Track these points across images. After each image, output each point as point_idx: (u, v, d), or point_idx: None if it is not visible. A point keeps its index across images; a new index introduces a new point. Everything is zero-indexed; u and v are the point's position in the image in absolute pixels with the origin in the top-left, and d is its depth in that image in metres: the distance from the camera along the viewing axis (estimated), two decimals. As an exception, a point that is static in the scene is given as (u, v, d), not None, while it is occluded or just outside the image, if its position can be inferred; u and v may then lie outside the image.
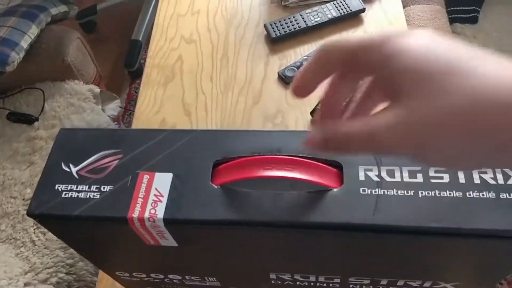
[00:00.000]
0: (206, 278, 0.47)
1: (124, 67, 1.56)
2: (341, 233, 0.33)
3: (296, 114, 0.76)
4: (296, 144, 0.36)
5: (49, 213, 0.35)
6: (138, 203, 0.35)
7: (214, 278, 0.47)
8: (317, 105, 0.75)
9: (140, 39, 1.53)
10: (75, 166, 0.38)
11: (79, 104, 1.00)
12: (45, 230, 0.85)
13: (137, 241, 0.38)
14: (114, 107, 1.09)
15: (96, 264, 0.49)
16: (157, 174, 0.36)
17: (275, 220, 0.33)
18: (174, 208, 0.34)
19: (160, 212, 0.34)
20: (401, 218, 0.32)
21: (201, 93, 0.81)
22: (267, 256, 0.40)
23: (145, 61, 0.87)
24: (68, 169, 0.37)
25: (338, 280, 0.44)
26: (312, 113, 0.75)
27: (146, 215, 0.34)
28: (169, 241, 0.37)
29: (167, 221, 0.34)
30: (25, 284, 0.79)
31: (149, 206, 0.35)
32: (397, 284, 0.43)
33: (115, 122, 1.08)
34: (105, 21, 1.76)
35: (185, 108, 0.79)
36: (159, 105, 0.80)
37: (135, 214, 0.34)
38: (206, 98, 0.80)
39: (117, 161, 0.37)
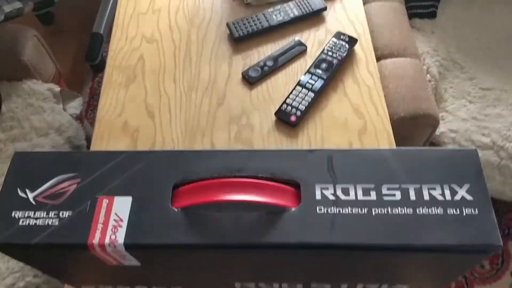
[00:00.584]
0: (172, 287, 0.48)
1: (86, 61, 1.51)
2: (299, 251, 0.34)
3: (261, 115, 0.77)
4: (255, 163, 0.37)
5: (6, 242, 0.35)
6: (98, 229, 0.35)
7: (180, 287, 0.48)
8: (281, 105, 0.76)
9: (101, 32, 1.49)
10: (32, 191, 0.37)
11: (38, 104, 0.97)
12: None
13: (100, 262, 0.38)
14: (76, 105, 1.07)
15: (60, 280, 0.49)
16: (116, 198, 0.36)
17: (235, 242, 0.34)
18: (135, 232, 0.35)
19: (120, 238, 0.34)
20: (356, 236, 0.33)
21: (164, 94, 0.80)
22: (231, 270, 0.41)
23: (107, 54, 0.85)
24: (24, 195, 0.37)
25: (300, 286, 0.45)
26: (276, 113, 0.75)
27: (107, 241, 0.34)
28: (132, 262, 0.38)
29: (127, 246, 0.34)
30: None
31: (109, 232, 0.35)
32: (356, 286, 0.45)
33: (78, 121, 1.06)
34: (64, 12, 1.70)
35: (148, 110, 0.79)
36: (121, 107, 0.79)
37: (95, 241, 0.34)
38: (169, 100, 0.80)
39: (75, 185, 0.37)
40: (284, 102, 0.76)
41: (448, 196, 0.35)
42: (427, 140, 0.86)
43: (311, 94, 0.76)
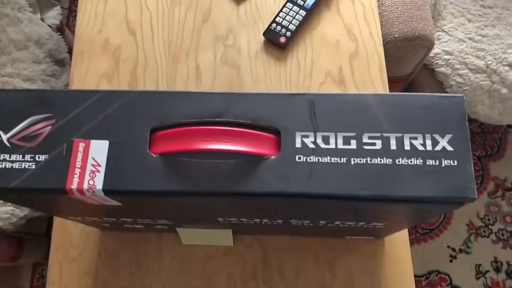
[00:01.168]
0: (157, 220, 0.49)
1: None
2: (277, 199, 0.35)
3: (249, 35, 0.73)
4: (236, 108, 0.36)
5: (-17, 186, 0.35)
6: (76, 174, 0.35)
7: (165, 220, 0.50)
8: (269, 25, 0.72)
9: None
10: (5, 133, 0.36)
11: (14, 15, 0.91)
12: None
13: (81, 202, 0.38)
14: (55, 15, 1.00)
15: (46, 213, 0.50)
16: (92, 142, 0.35)
17: (213, 190, 0.34)
18: (113, 178, 0.34)
19: (99, 183, 0.34)
20: (333, 186, 0.34)
21: (145, 9, 0.75)
22: (211, 210, 0.42)
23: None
24: (-2, 137, 0.36)
25: (280, 222, 0.47)
26: (265, 34, 0.72)
27: (85, 186, 0.34)
28: (113, 203, 0.38)
29: (106, 192, 0.34)
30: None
31: (87, 177, 0.35)
32: (335, 223, 0.46)
33: (58, 33, 1.00)
34: None
35: (129, 27, 0.74)
36: (101, 23, 0.74)
37: (74, 186, 0.34)
38: (151, 15, 0.75)
39: (50, 127, 0.36)
40: (274, 21, 0.72)
41: (429, 146, 0.34)
42: (419, 62, 0.84)
43: (303, 12, 0.72)
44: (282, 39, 0.70)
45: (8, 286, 1.14)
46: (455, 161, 0.34)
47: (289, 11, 0.72)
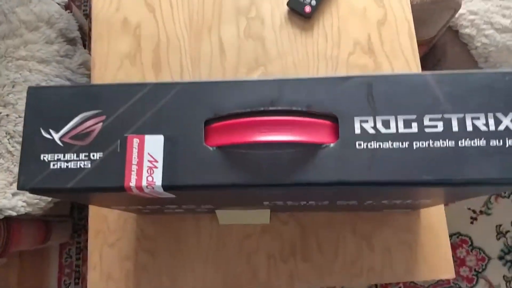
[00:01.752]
0: (201, 206, 0.49)
1: None
2: (336, 187, 0.34)
3: (272, 5, 0.70)
4: (289, 94, 0.35)
5: (41, 187, 0.34)
6: (133, 171, 0.34)
7: (209, 205, 0.49)
8: (293, -5, 0.69)
9: None
10: (56, 132, 0.35)
11: (22, -5, 0.88)
12: (20, 139, 0.84)
13: (134, 196, 0.38)
14: (62, -8, 0.97)
15: (90, 204, 0.50)
16: (147, 137, 0.35)
17: (272, 182, 0.34)
18: (172, 173, 0.34)
19: (157, 179, 0.34)
20: (396, 172, 0.33)
21: (163, -16, 0.72)
22: (263, 197, 0.42)
23: None
24: (49, 136, 0.35)
25: (326, 203, 0.47)
26: (288, 3, 0.69)
27: (144, 183, 0.34)
28: (167, 195, 0.38)
29: (166, 187, 0.34)
30: (13, 194, 0.80)
31: (145, 173, 0.34)
32: (382, 202, 0.46)
33: (68, 10, 0.97)
34: None
35: (147, 3, 0.72)
36: (118, 1, 0.72)
37: (132, 183, 0.34)
38: (169, -10, 0.72)
39: (101, 124, 0.35)
40: (297, -10, 0.69)
41: (492, 127, 0.33)
42: (444, 25, 0.81)
43: (327, -20, 0.69)
44: (307, 8, 0.68)
45: (38, 267, 1.17)
46: (520, 140, 0.33)
47: (313, -21, 0.69)
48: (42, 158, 0.35)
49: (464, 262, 1.19)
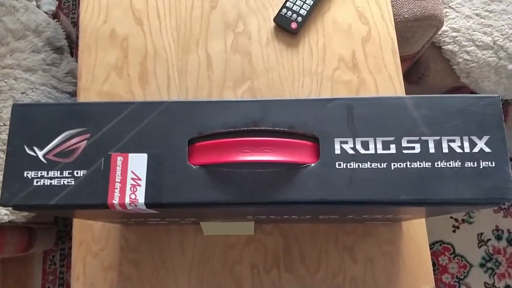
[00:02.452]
0: (185, 219, 0.50)
1: None
2: (316, 206, 0.35)
3: (259, 21, 0.71)
4: (272, 115, 0.36)
5: (24, 204, 0.35)
6: (117, 188, 0.35)
7: (193, 218, 0.50)
8: (280, 10, 0.70)
9: None
10: (41, 149, 0.36)
11: (9, 3, 0.88)
12: (4, 147, 0.83)
13: (118, 211, 0.38)
14: (50, 0, 0.97)
15: (75, 218, 0.50)
16: (130, 155, 0.35)
17: (254, 200, 0.34)
18: (155, 191, 0.34)
19: (140, 197, 0.34)
20: (374, 192, 0.34)
21: (151, -3, 0.73)
22: (245, 212, 0.42)
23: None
24: (33, 153, 0.35)
25: (309, 217, 0.48)
26: (275, 19, 0.70)
27: (127, 201, 0.34)
28: (151, 211, 0.38)
29: (149, 205, 0.35)
30: None
31: (128, 191, 0.35)
32: (363, 216, 0.47)
33: (55, 19, 0.97)
34: None
35: (135, 16, 0.72)
36: (106, 12, 0.72)
37: (116, 201, 0.34)
38: (157, 3, 0.73)
39: (85, 141, 0.36)
40: (284, 6, 0.70)
41: (467, 149, 0.35)
42: (428, 41, 0.83)
43: (313, -4, 0.70)
44: (294, 25, 0.69)
45: (21, 274, 1.15)
46: (493, 163, 0.34)
47: (299, -5, 0.70)
48: (25, 175, 0.35)
49: (446, 269, 1.21)
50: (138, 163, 0.35)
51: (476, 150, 0.35)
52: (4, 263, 1.15)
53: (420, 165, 0.35)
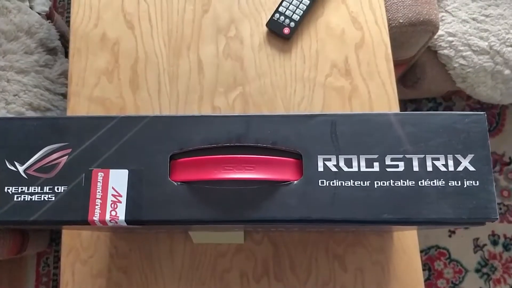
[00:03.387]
0: (172, 230, 0.50)
1: None
2: (300, 224, 0.35)
3: (251, 25, 0.71)
4: (255, 130, 0.35)
5: (4, 220, 0.34)
6: (97, 205, 0.34)
7: (179, 229, 0.50)
8: (272, 15, 0.70)
9: None
10: (21, 164, 0.35)
11: (1, 4, 0.87)
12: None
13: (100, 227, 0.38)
14: (44, 1, 0.96)
15: (59, 229, 0.50)
16: (111, 171, 0.35)
17: (237, 218, 0.34)
18: (135, 208, 0.34)
19: (121, 214, 0.34)
20: (357, 211, 0.34)
21: (142, 1, 0.72)
22: (230, 226, 0.42)
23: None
24: (14, 168, 0.35)
25: (296, 229, 0.48)
26: (268, 24, 0.70)
27: (107, 217, 0.34)
28: (133, 227, 0.38)
29: (129, 222, 0.34)
30: None
31: (109, 208, 0.34)
32: (350, 229, 0.47)
33: (48, 20, 0.97)
34: None
35: (126, 19, 0.71)
36: (97, 16, 0.71)
37: (96, 217, 0.34)
38: (149, 7, 0.72)
39: (66, 156, 0.35)
40: (277, 10, 0.70)
41: (451, 167, 0.34)
42: (423, 46, 0.83)
43: (306, 1, 0.70)
44: (286, 30, 0.69)
45: (15, 275, 1.16)
46: (477, 182, 0.34)
47: (292, 0, 0.70)
48: (6, 190, 0.35)
49: (441, 274, 1.21)
50: (119, 179, 0.35)
51: (460, 168, 0.34)
52: (-2, 264, 1.15)
53: (403, 183, 0.34)
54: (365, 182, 0.34)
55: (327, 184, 0.34)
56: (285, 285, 0.61)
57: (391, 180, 0.34)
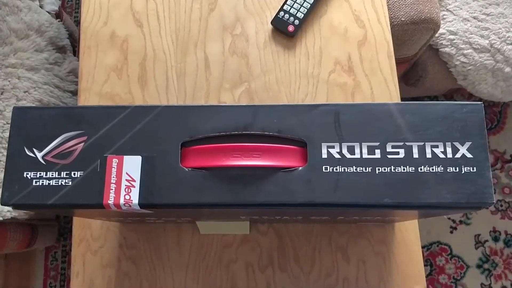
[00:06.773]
0: (181, 218, 0.51)
1: None
2: (304, 208, 0.36)
3: (256, 23, 0.73)
4: (262, 120, 0.37)
5: (24, 203, 0.36)
6: (112, 189, 0.36)
7: (188, 218, 0.51)
8: (277, 13, 0.71)
9: None
10: (40, 151, 0.37)
11: (13, 3, 0.89)
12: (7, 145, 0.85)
13: (114, 211, 0.40)
14: (53, 0, 0.98)
15: (74, 216, 0.52)
16: (125, 158, 0.37)
17: (245, 202, 0.36)
18: (148, 193, 0.36)
19: (134, 198, 0.36)
20: (359, 195, 0.35)
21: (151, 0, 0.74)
22: (238, 213, 0.44)
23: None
24: (32, 155, 0.37)
25: (300, 218, 0.49)
26: (273, 22, 0.71)
27: (121, 201, 0.36)
28: (145, 211, 0.40)
29: (142, 205, 0.36)
30: None
31: (123, 192, 0.36)
32: (353, 217, 0.49)
33: (58, 20, 0.99)
34: None
35: (135, 18, 0.74)
36: (106, 14, 0.73)
37: (111, 201, 0.36)
38: (157, 5, 0.74)
39: (82, 144, 0.37)
40: (281, 9, 0.72)
41: (449, 154, 0.36)
42: (425, 44, 0.84)
43: (310, 0, 0.72)
44: (291, 28, 0.70)
45: (23, 269, 1.18)
46: (474, 168, 0.36)
47: (297, -2, 0.72)
48: (25, 175, 0.36)
49: (443, 270, 1.22)
50: (132, 165, 0.36)
51: (458, 155, 0.36)
52: (7, 259, 1.17)
53: (404, 169, 0.36)
54: (367, 168, 0.36)
55: (331, 170, 0.36)
56: (289, 275, 0.63)
57: (392, 167, 0.36)
